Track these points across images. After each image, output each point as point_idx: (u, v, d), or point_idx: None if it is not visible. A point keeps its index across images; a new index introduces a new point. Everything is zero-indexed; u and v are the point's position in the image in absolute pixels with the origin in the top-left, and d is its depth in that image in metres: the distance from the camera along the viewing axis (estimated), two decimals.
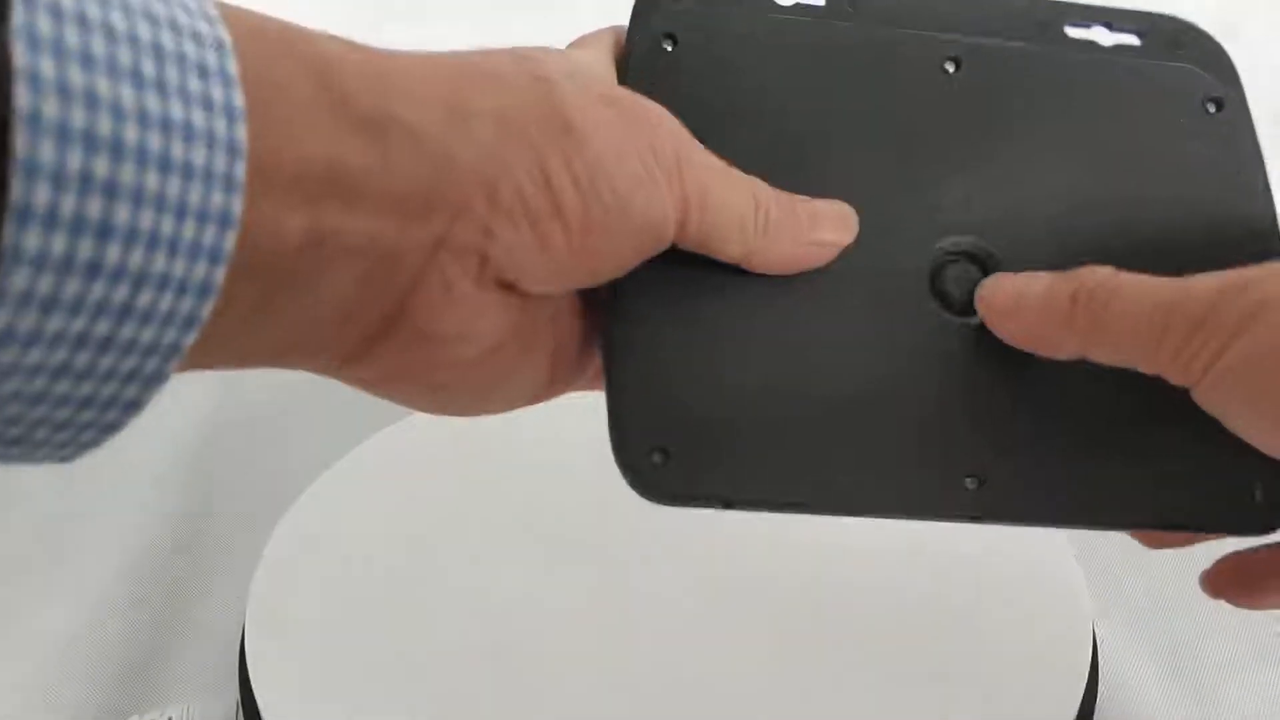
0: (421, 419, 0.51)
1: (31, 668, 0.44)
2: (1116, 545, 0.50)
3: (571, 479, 0.49)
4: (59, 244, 0.18)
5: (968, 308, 0.29)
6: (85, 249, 0.18)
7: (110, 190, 0.18)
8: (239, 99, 0.20)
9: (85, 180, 0.18)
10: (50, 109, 0.17)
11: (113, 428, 0.21)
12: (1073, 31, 0.30)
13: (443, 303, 0.25)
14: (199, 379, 0.60)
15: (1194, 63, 0.30)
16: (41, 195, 0.18)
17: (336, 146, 0.22)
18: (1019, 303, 0.28)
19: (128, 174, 0.19)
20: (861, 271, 0.29)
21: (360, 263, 0.23)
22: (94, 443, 0.22)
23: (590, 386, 0.31)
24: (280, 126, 0.21)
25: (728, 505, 0.28)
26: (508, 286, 0.26)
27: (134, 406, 0.21)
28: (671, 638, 0.41)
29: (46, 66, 0.17)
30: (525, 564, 0.44)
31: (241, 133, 0.20)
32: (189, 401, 0.59)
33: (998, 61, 0.29)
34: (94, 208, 0.18)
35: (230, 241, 0.20)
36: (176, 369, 0.22)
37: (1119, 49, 0.30)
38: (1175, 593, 0.48)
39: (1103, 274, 0.27)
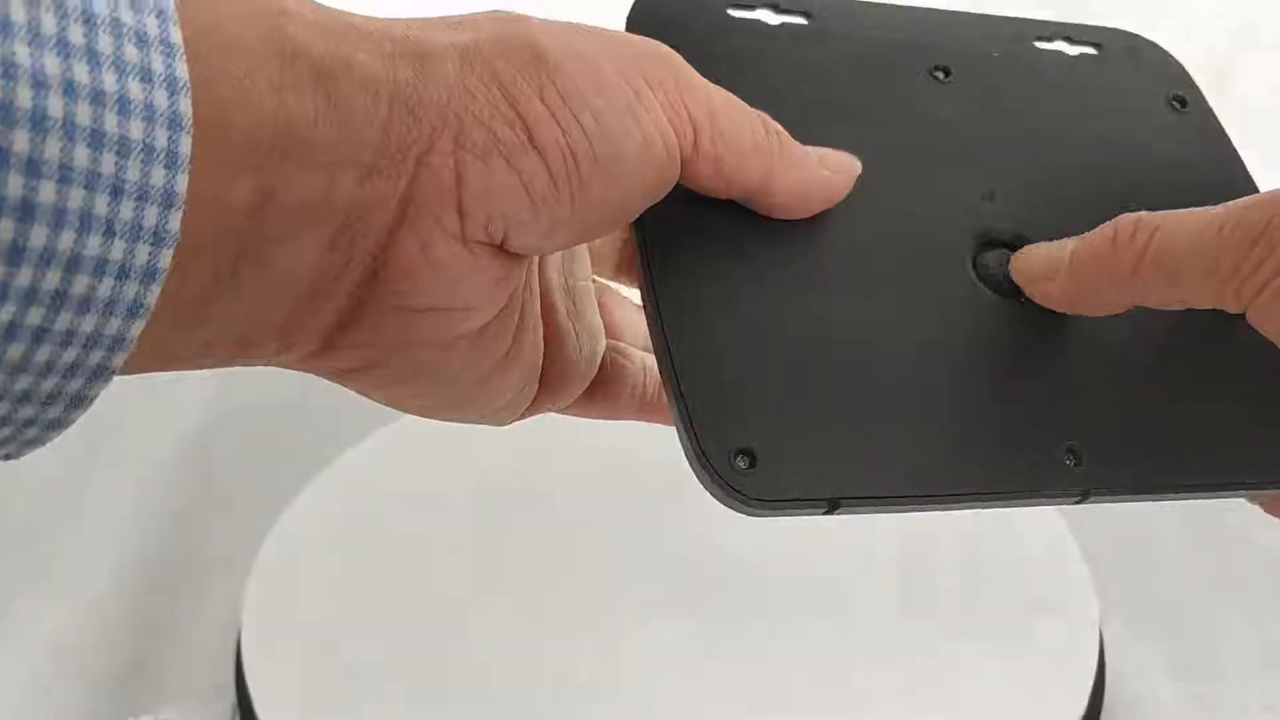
0: (417, 419, 0.51)
1: (27, 670, 0.44)
2: (1124, 546, 0.50)
3: (570, 479, 0.48)
4: None
5: (1014, 289, 0.28)
6: (4, 230, 0.17)
7: (32, 167, 0.17)
8: (182, 70, 0.19)
9: (1, 155, 0.17)
10: None
11: (57, 425, 0.20)
12: (1039, 45, 0.32)
13: (420, 267, 0.23)
14: (194, 380, 0.60)
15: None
16: None
17: (287, 102, 0.21)
18: (1054, 264, 0.27)
19: (52, 149, 0.17)
20: (906, 257, 0.28)
21: (320, 226, 0.22)
22: (38, 441, 0.20)
23: (575, 409, 0.30)
24: (227, 88, 0.20)
25: (831, 507, 0.26)
26: (496, 248, 0.24)
27: (79, 402, 0.20)
28: (673, 640, 0.41)
29: None
30: (523, 565, 0.44)
31: (185, 105, 0.19)
32: (183, 403, 0.58)
33: (984, 68, 0.30)
34: (14, 185, 0.17)
35: (175, 222, 0.19)
36: (132, 370, 0.21)
37: (1082, 58, 0.32)
38: (1183, 594, 0.47)
39: (1137, 214, 0.26)
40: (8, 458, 0.21)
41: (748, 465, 0.25)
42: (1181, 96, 0.32)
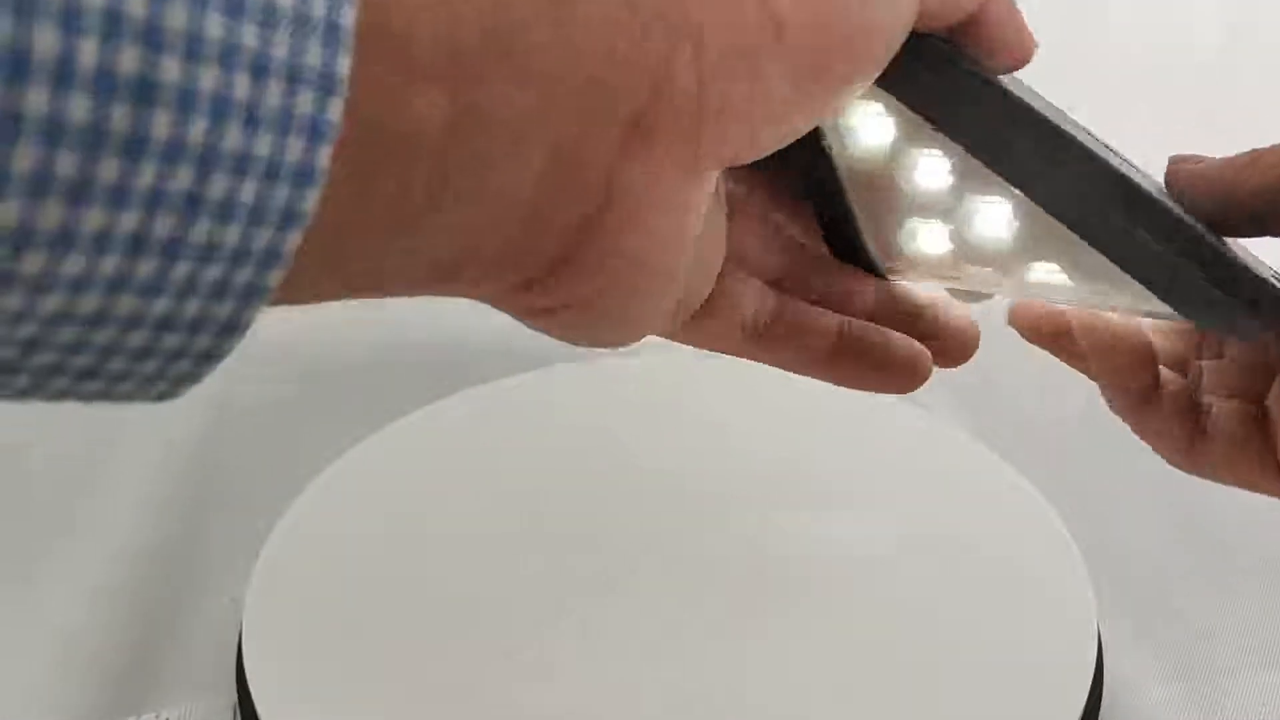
0: (418, 419, 0.52)
1: (28, 667, 0.44)
2: (1123, 547, 0.50)
3: (569, 477, 0.48)
4: (79, 106, 0.13)
5: None
6: (121, 116, 0.14)
7: (149, 36, 0.14)
8: None
9: (111, 20, 0.13)
10: None
11: (210, 357, 0.17)
12: None
13: (646, 205, 0.20)
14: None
15: None
16: (47, 38, 0.13)
17: (496, 2, 0.18)
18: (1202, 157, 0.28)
19: (176, 15, 0.14)
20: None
21: (531, 148, 0.19)
22: (191, 376, 0.18)
23: (690, 331, 0.27)
24: None
25: None
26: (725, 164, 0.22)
27: (231, 330, 0.17)
28: (672, 638, 0.41)
29: None
30: (523, 563, 0.44)
31: None
32: (186, 401, 0.58)
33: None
34: (127, 59, 0.14)
35: (335, 111, 0.16)
36: (305, 298, 0.18)
37: None
38: (1180, 593, 0.47)
39: None
40: (161, 397, 0.18)
41: None
42: None
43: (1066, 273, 0.28)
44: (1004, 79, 0.26)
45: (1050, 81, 0.29)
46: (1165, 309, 0.27)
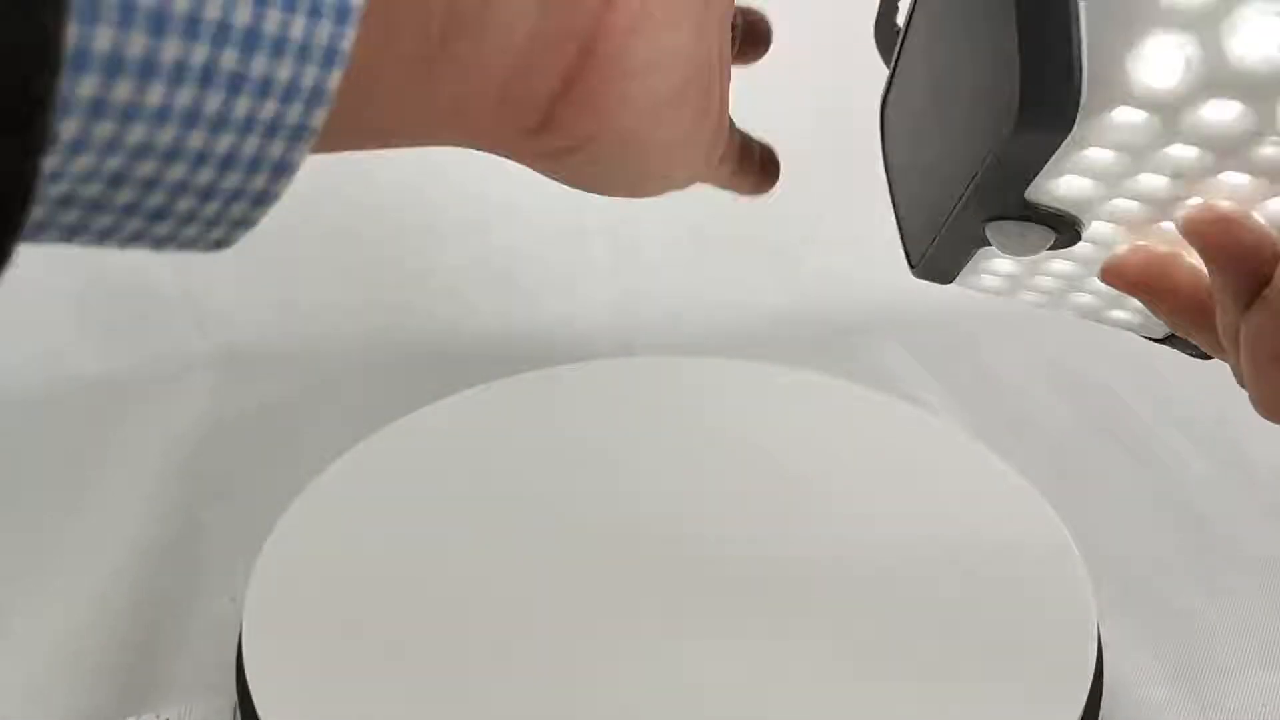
0: (418, 419, 0.52)
1: (29, 667, 0.44)
2: (1123, 547, 0.50)
3: (568, 478, 0.49)
4: None
5: None
6: None
7: None
8: None
9: None
10: None
11: (263, 199, 0.19)
12: None
13: (639, 21, 0.22)
14: (195, 380, 0.60)
15: None
16: None
17: None
18: None
19: None
20: None
21: None
22: (245, 221, 0.19)
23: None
24: None
25: None
26: None
27: (282, 170, 0.18)
28: (671, 634, 0.41)
29: None
30: (523, 563, 0.44)
31: None
32: (187, 400, 0.58)
33: None
34: None
35: None
36: (341, 145, 0.19)
37: None
38: (1180, 594, 0.47)
39: None
40: (218, 245, 0.19)
41: None
42: None
43: None
44: None
45: None
46: None
